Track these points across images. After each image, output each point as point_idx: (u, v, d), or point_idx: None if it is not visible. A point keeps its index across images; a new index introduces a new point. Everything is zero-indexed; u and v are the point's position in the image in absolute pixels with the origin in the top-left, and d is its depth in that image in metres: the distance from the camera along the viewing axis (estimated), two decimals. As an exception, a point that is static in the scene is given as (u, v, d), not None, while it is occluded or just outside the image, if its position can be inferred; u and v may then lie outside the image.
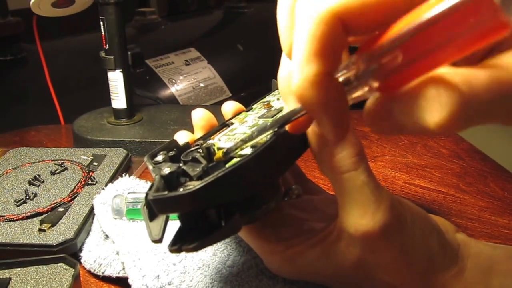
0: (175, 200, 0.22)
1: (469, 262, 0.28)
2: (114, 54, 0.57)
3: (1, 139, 0.65)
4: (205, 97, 0.96)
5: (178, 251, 0.24)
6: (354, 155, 0.24)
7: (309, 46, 0.18)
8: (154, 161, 0.27)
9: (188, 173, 0.25)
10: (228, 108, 0.34)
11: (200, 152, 0.27)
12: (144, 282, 0.32)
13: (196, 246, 0.23)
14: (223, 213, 0.24)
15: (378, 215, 0.24)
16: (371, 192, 0.25)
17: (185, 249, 0.23)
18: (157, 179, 0.24)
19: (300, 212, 0.32)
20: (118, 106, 0.60)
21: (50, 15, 0.57)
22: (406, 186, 0.50)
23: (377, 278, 0.27)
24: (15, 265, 0.33)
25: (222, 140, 0.29)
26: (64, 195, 0.42)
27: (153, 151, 0.28)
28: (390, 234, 0.25)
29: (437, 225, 0.28)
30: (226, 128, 0.32)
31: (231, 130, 0.31)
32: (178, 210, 0.24)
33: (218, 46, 1.10)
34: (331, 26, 0.18)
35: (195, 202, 0.22)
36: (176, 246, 0.24)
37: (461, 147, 0.59)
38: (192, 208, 0.23)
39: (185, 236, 0.24)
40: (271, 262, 0.30)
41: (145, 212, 0.25)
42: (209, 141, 0.30)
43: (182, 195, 0.22)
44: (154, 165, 0.26)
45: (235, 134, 0.30)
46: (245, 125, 0.31)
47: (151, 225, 0.25)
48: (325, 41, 0.18)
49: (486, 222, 0.43)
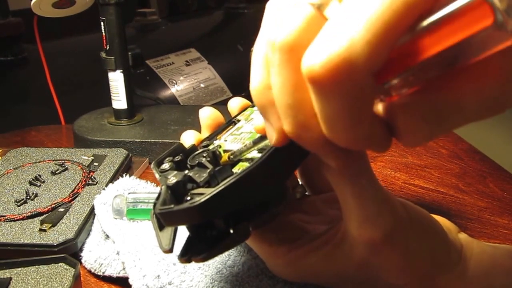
0: (182, 213, 0.22)
1: (471, 262, 0.28)
2: (114, 55, 0.57)
3: (2, 139, 0.65)
4: (205, 98, 0.96)
5: (187, 261, 0.23)
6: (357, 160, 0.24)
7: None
8: (160, 169, 0.27)
9: (195, 179, 0.25)
10: (234, 104, 0.33)
11: (205, 157, 0.27)
12: (145, 282, 0.32)
13: (205, 256, 0.23)
14: (231, 221, 0.24)
15: (382, 220, 0.24)
16: (374, 196, 0.24)
17: (194, 259, 0.23)
18: (164, 190, 0.24)
19: (303, 215, 0.32)
20: (118, 106, 0.60)
21: (51, 15, 0.57)
22: (405, 186, 0.50)
23: (380, 279, 0.27)
24: (15, 265, 0.33)
25: (228, 141, 0.29)
26: (65, 195, 0.43)
27: (159, 157, 0.28)
28: (394, 237, 0.25)
29: (440, 226, 0.28)
30: (233, 126, 0.31)
31: (237, 129, 0.30)
32: (185, 223, 0.24)
33: (218, 47, 1.10)
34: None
35: (202, 214, 0.22)
36: (186, 256, 0.23)
37: (460, 147, 0.59)
38: (199, 220, 0.22)
39: (194, 246, 0.24)
40: (274, 265, 0.30)
41: (155, 221, 0.25)
42: (215, 141, 0.30)
43: (188, 208, 0.21)
44: (161, 173, 0.26)
45: (241, 133, 0.30)
46: (251, 122, 0.31)
47: (161, 234, 0.24)
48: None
49: (485, 222, 0.43)
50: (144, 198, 0.39)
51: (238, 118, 0.32)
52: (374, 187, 0.24)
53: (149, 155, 0.56)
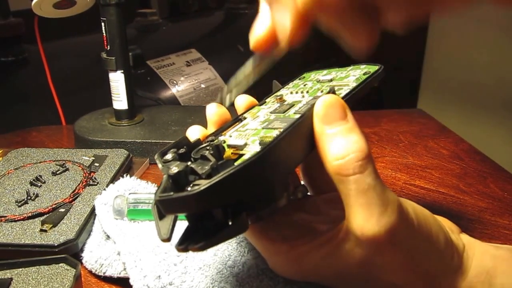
0: (180, 201, 0.22)
1: (473, 262, 0.28)
2: (115, 55, 0.57)
3: (3, 140, 0.66)
4: (206, 98, 0.96)
5: (184, 250, 0.23)
6: (361, 158, 0.24)
7: None
8: (163, 159, 0.27)
9: (197, 171, 0.25)
10: (241, 102, 0.34)
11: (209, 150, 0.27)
12: (145, 283, 0.32)
13: (202, 245, 0.23)
14: (230, 212, 0.24)
15: (385, 218, 0.24)
16: (377, 195, 0.24)
17: (191, 248, 0.23)
18: (165, 178, 0.24)
19: (304, 214, 0.32)
20: (119, 107, 0.60)
21: (52, 16, 0.57)
22: (406, 187, 0.50)
23: (382, 279, 0.27)
24: (16, 266, 0.33)
25: (233, 137, 0.29)
26: (66, 196, 0.43)
27: (164, 149, 0.28)
28: (397, 237, 0.25)
29: (443, 226, 0.28)
30: (239, 123, 0.31)
31: (243, 126, 0.31)
32: (184, 211, 0.24)
33: (219, 47, 1.10)
34: None
35: (201, 203, 0.22)
36: (183, 245, 0.23)
37: (461, 148, 0.59)
38: (198, 209, 0.23)
39: (192, 235, 0.24)
40: (276, 262, 0.30)
41: (155, 211, 0.25)
42: (220, 137, 0.30)
43: (187, 196, 0.22)
44: (164, 163, 0.26)
45: (246, 130, 0.30)
46: (257, 120, 0.31)
47: (160, 224, 0.24)
48: None
49: (486, 223, 0.43)
50: (145, 198, 0.39)
51: (244, 116, 0.32)
52: (379, 186, 0.25)
53: (150, 156, 0.56)
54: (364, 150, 0.24)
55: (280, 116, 0.30)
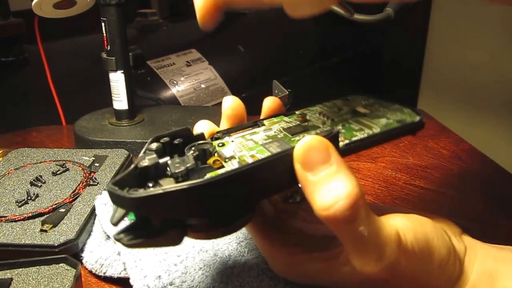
0: (120, 199, 0.22)
1: (475, 265, 0.28)
2: (115, 55, 0.57)
3: (3, 140, 0.66)
4: (206, 98, 0.96)
5: (118, 240, 0.23)
6: (350, 205, 0.22)
7: None
8: (149, 147, 0.26)
9: (171, 168, 0.24)
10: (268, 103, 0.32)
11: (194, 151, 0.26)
12: (146, 283, 0.32)
13: (130, 244, 0.23)
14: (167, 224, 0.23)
15: (383, 261, 0.24)
16: (373, 240, 0.23)
17: (121, 241, 0.23)
18: (132, 168, 0.24)
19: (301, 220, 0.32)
20: (119, 107, 0.60)
21: (52, 16, 0.57)
22: (406, 187, 0.50)
23: None
24: (16, 266, 0.33)
25: (231, 144, 0.28)
26: (66, 196, 0.43)
27: (160, 135, 0.27)
28: (397, 268, 0.24)
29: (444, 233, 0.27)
30: (252, 128, 0.30)
31: (252, 134, 0.30)
32: (124, 208, 0.23)
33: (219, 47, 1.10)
34: None
35: (137, 207, 0.22)
36: (120, 235, 0.23)
37: (461, 148, 0.59)
38: (135, 212, 0.22)
39: (132, 230, 0.23)
40: (275, 264, 0.30)
41: None
42: (227, 137, 0.29)
43: (124, 197, 0.21)
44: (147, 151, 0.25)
45: (250, 140, 0.29)
46: (267, 132, 0.29)
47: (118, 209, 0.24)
48: None
49: (486, 223, 0.43)
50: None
51: (263, 122, 0.31)
52: (374, 230, 0.23)
53: (150, 156, 0.56)
54: (352, 195, 0.22)
55: (286, 137, 0.29)
